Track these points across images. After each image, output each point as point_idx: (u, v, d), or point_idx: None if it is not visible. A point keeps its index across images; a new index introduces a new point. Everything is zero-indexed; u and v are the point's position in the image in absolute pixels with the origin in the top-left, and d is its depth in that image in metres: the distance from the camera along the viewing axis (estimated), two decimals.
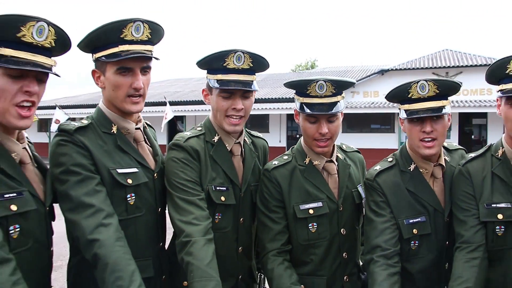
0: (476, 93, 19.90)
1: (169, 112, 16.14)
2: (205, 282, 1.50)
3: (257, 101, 19.39)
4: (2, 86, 1.30)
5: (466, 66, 19.52)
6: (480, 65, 19.09)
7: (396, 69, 20.49)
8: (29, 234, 1.37)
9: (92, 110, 1.72)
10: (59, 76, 1.40)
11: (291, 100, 19.75)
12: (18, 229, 1.32)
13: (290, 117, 21.82)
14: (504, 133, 1.86)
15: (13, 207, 1.32)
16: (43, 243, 1.44)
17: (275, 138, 20.82)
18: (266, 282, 1.97)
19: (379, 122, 20.38)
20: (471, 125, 22.28)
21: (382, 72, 20.65)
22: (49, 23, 1.35)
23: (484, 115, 19.96)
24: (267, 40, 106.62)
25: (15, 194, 1.34)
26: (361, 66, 27.51)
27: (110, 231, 1.43)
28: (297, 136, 19.26)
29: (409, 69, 20.37)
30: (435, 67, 20.01)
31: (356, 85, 20.85)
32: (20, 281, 1.23)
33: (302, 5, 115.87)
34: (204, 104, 2.00)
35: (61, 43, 1.42)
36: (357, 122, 20.04)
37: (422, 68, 20.19)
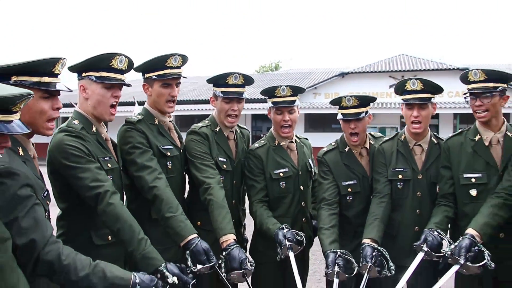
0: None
1: (137, 112, 16.78)
2: (221, 209, 2.40)
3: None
4: (103, 94, 2.15)
5: (420, 70, 20.77)
6: (433, 70, 20.51)
7: (355, 72, 21.71)
8: (115, 183, 2.22)
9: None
10: (129, 85, 2.29)
11: (255, 100, 20.66)
12: (111, 179, 2.18)
13: (254, 117, 22.76)
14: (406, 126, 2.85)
15: (109, 165, 2.19)
16: (120, 190, 2.30)
17: None
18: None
19: (340, 122, 21.50)
20: None
21: (343, 74, 21.80)
22: (125, 56, 2.23)
23: (436, 116, 21.46)
24: (232, 40, 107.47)
25: (108, 157, 2.20)
26: (323, 68, 28.54)
27: (163, 181, 2.31)
28: (261, 135, 20.24)
29: (367, 72, 21.62)
30: (392, 71, 21.25)
31: (318, 86, 22.03)
32: None
33: (268, 7, 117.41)
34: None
35: (130, 66, 2.30)
36: (319, 122, 21.03)
37: (379, 72, 21.44)
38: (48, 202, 1.78)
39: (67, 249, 1.64)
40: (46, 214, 1.70)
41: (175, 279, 1.87)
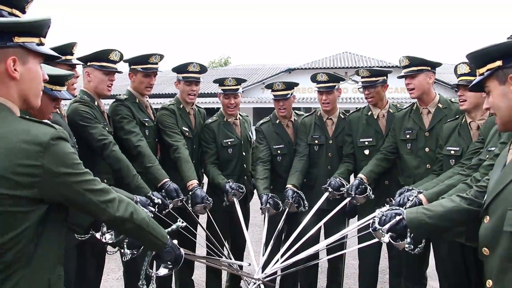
0: (357, 92, 22.80)
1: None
2: (187, 163, 3.30)
3: (168, 96, 20.82)
4: (103, 78, 3.01)
5: (362, 67, 22.33)
6: (373, 67, 22.08)
7: (301, 68, 22.90)
8: None
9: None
10: (121, 72, 3.17)
11: (205, 95, 21.42)
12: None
13: (209, 111, 23.56)
14: None
15: (106, 129, 3.03)
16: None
17: None
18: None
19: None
20: None
21: (289, 70, 22.97)
22: (119, 51, 3.09)
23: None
24: (181, 35, 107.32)
25: (105, 124, 3.03)
26: (271, 64, 29.68)
27: (144, 142, 3.17)
28: None
29: (313, 68, 22.67)
30: (336, 67, 22.49)
31: (266, 81, 23.00)
32: None
33: (218, 3, 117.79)
34: None
35: (121, 59, 3.17)
36: (266, 115, 22.10)
37: (324, 68, 22.51)
38: None
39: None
40: None
41: (159, 201, 2.78)
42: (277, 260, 3.00)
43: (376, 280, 3.79)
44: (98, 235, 1.89)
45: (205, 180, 3.90)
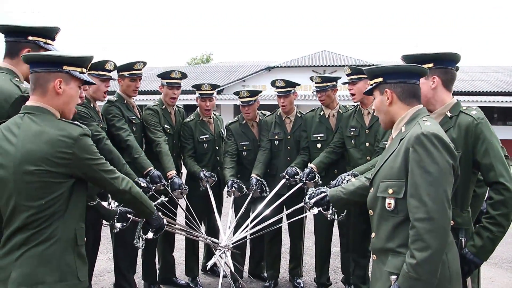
0: (347, 90, 23.59)
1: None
2: (167, 156, 3.93)
3: (151, 93, 21.32)
4: (99, 85, 3.62)
5: (340, 65, 22.59)
6: (352, 65, 22.61)
7: (281, 66, 23.47)
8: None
9: None
10: (114, 79, 3.80)
11: (186, 92, 21.94)
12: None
13: (186, 108, 24.07)
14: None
15: (101, 125, 3.64)
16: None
17: None
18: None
19: (267, 110, 23.34)
20: None
21: (269, 68, 23.48)
22: (113, 61, 3.73)
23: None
24: (163, 32, 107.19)
25: (100, 121, 3.66)
26: (251, 62, 30.22)
27: (132, 137, 3.77)
28: None
29: (292, 66, 23.35)
30: (315, 66, 23.13)
31: (246, 79, 23.47)
32: None
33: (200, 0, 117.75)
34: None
35: (115, 67, 3.81)
36: None
37: (303, 66, 23.23)
38: None
39: None
40: None
41: (144, 185, 3.43)
42: (242, 230, 3.68)
43: (329, 254, 4.49)
44: (105, 203, 2.53)
45: (184, 170, 4.55)
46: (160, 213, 2.55)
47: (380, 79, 2.19)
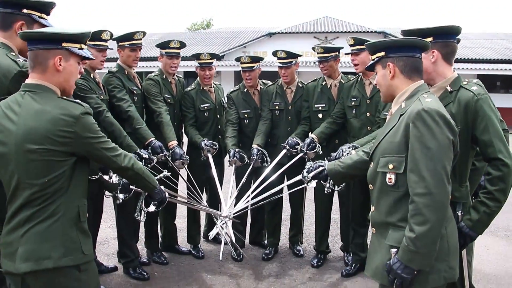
0: (349, 56, 23.38)
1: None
2: (168, 126, 3.93)
3: (151, 59, 21.09)
4: (96, 55, 3.56)
5: (342, 32, 22.40)
6: (353, 32, 22.28)
7: (282, 33, 23.14)
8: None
9: None
10: (111, 49, 3.76)
11: (184, 59, 21.72)
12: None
13: (186, 74, 23.93)
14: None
15: (102, 97, 3.62)
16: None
17: None
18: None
19: (267, 79, 23.15)
20: None
21: (270, 34, 23.19)
22: (109, 31, 3.69)
23: (354, 74, 23.68)
24: None
25: (101, 93, 3.67)
26: (252, 28, 29.81)
27: (133, 108, 3.77)
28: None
29: (293, 32, 23.07)
30: (316, 32, 22.92)
31: (247, 45, 23.23)
32: None
33: None
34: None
35: (111, 37, 3.74)
36: None
37: (304, 32, 22.97)
38: None
39: None
40: None
41: (146, 156, 3.45)
42: (243, 201, 3.72)
43: (329, 222, 4.56)
44: (106, 177, 2.56)
45: (185, 139, 4.56)
46: (162, 186, 2.57)
47: (382, 53, 2.18)
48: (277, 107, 4.43)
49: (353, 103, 4.05)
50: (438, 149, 1.90)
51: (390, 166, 2.05)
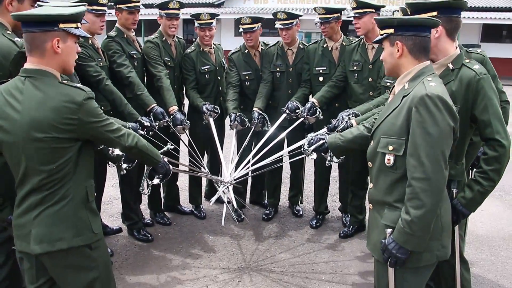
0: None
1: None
2: (168, 91, 3.90)
3: (153, 6, 20.59)
4: (94, 20, 3.47)
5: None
6: None
7: None
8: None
9: None
10: (109, 14, 3.68)
11: (187, 5, 21.20)
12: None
13: (185, 21, 23.41)
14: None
15: (101, 63, 3.56)
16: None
17: None
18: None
19: (268, 27, 22.75)
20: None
21: None
22: None
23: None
24: None
25: (100, 59, 3.60)
26: None
27: (134, 73, 3.73)
28: (193, 40, 21.06)
29: None
30: None
31: None
32: None
33: None
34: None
35: (109, 0, 3.68)
36: None
37: None
38: None
39: None
40: None
41: (148, 124, 3.47)
42: (245, 165, 3.77)
43: (328, 185, 4.64)
44: (110, 150, 2.57)
45: (186, 101, 4.56)
46: (165, 158, 2.60)
47: (391, 30, 2.14)
48: (278, 69, 4.39)
49: (355, 68, 4.02)
50: (439, 135, 1.93)
51: (390, 148, 2.07)
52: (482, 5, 21.31)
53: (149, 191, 2.75)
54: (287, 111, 4.10)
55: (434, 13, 2.31)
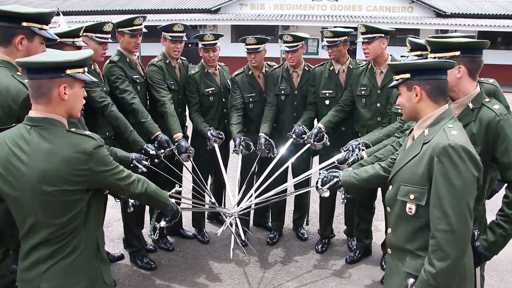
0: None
1: (63, 23, 16.71)
2: (173, 117, 3.81)
3: (151, 12, 20.58)
4: (97, 48, 3.40)
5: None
6: None
7: None
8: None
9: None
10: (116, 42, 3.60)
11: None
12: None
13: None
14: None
15: (105, 89, 3.49)
16: None
17: None
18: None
19: (265, 33, 22.63)
20: None
21: None
22: (111, 22, 3.50)
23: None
24: None
25: (103, 84, 3.53)
26: None
27: (137, 99, 3.63)
28: (189, 45, 21.02)
29: None
30: None
31: None
32: None
33: None
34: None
35: (114, 28, 3.58)
36: (245, 33, 21.86)
37: None
38: None
39: None
40: None
41: (153, 152, 3.38)
42: (251, 196, 3.69)
43: (334, 208, 4.56)
44: None
45: (189, 123, 4.45)
46: (173, 200, 2.52)
47: (408, 75, 2.09)
48: (282, 92, 4.31)
49: (362, 92, 3.95)
50: (463, 186, 1.87)
51: (411, 197, 2.01)
52: (477, 12, 21.40)
53: (157, 234, 2.67)
54: (294, 136, 4.02)
55: (457, 53, 2.26)
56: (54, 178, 1.78)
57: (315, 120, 4.34)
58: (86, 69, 1.93)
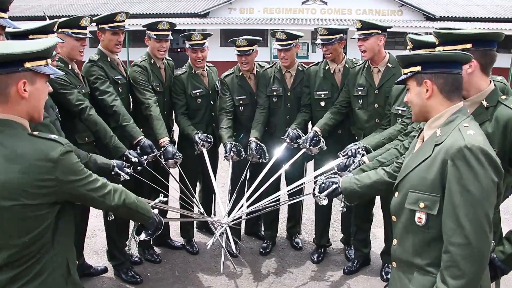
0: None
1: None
2: (158, 121, 3.56)
3: (140, 16, 20.34)
4: (74, 44, 3.18)
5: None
6: None
7: None
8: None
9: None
10: (91, 37, 3.35)
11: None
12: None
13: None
14: None
15: (83, 90, 3.23)
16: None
17: None
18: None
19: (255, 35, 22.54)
20: None
21: None
22: (89, 16, 3.25)
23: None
24: None
25: (81, 85, 3.26)
26: None
27: (119, 101, 3.37)
28: (178, 50, 20.75)
29: None
30: None
31: (233, 1, 22.46)
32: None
33: None
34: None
35: (91, 22, 3.32)
36: (234, 37, 21.55)
37: None
38: None
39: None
40: None
41: (135, 159, 3.12)
42: (242, 205, 3.44)
43: (330, 216, 4.32)
44: None
45: (176, 127, 4.21)
46: (156, 211, 2.26)
47: (418, 68, 1.85)
48: (275, 93, 4.07)
49: (359, 93, 3.73)
50: (481, 193, 1.63)
51: (421, 205, 1.78)
52: (467, 15, 21.43)
53: (137, 249, 2.40)
54: (288, 140, 3.78)
55: (468, 46, 2.03)
56: (12, 190, 1.51)
57: (310, 124, 4.11)
58: (49, 61, 1.67)
